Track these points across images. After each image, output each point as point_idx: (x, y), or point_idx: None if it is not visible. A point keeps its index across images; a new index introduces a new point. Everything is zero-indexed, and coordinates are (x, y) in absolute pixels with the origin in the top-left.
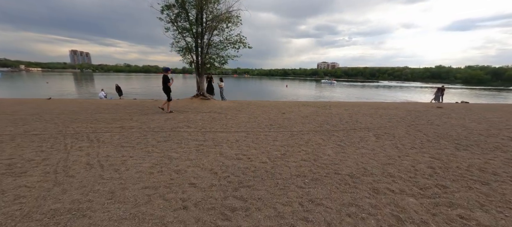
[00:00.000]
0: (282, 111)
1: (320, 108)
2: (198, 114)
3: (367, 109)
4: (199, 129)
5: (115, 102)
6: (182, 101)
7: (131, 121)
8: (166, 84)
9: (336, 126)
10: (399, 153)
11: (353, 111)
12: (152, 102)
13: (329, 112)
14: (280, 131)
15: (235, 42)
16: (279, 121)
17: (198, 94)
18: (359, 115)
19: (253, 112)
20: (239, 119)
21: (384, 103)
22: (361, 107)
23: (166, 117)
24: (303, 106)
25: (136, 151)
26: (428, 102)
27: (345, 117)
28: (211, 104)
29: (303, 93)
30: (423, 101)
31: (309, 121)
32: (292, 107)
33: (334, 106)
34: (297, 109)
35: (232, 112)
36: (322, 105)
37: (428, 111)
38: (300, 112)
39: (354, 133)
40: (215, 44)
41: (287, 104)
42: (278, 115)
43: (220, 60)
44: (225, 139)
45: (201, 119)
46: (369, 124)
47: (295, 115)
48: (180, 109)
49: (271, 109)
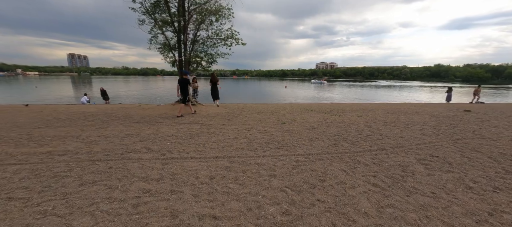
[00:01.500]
0: (281, 119)
1: (328, 114)
2: (174, 126)
3: (384, 115)
4: (161, 155)
5: (93, 108)
6: (162, 108)
7: (72, 142)
8: (185, 88)
9: (356, 143)
10: (481, 202)
11: (368, 118)
12: (136, 107)
13: (340, 120)
14: (280, 156)
15: (226, 38)
16: (278, 137)
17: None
18: (379, 123)
19: (246, 121)
20: (225, 133)
21: (399, 105)
22: (376, 112)
23: (127, 133)
24: (307, 112)
25: (23, 212)
26: (444, 103)
27: (362, 127)
28: (196, 111)
29: (303, 94)
30: (434, 101)
31: (318, 135)
32: (293, 113)
33: (343, 111)
34: (299, 115)
35: (218, 123)
36: (329, 109)
37: (456, 115)
38: (304, 120)
39: (387, 157)
40: (203, 40)
41: (287, 109)
42: (277, 125)
43: (208, 59)
44: (194, 174)
45: (174, 134)
46: (400, 139)
47: (298, 125)
48: (154, 119)
49: (268, 116)
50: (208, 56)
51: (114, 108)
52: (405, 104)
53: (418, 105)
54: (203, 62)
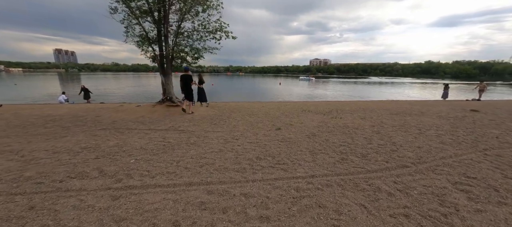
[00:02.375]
0: (276, 123)
1: (328, 116)
2: (147, 135)
3: (389, 116)
4: (116, 181)
5: (64, 109)
6: (140, 110)
7: (4, 160)
8: (189, 85)
9: (368, 156)
10: None
11: (373, 120)
12: (114, 108)
13: (343, 124)
14: (275, 179)
15: (214, 31)
16: (273, 148)
17: (164, 99)
18: (387, 128)
19: (235, 126)
20: (208, 144)
21: (400, 104)
22: (378, 112)
23: (84, 145)
24: (304, 113)
25: None
26: (443, 101)
27: (369, 133)
28: (177, 114)
29: (298, 91)
30: (429, 98)
31: (321, 146)
32: (289, 115)
33: (343, 111)
34: (296, 118)
35: (202, 129)
36: (327, 110)
37: (466, 117)
38: (302, 125)
39: (413, 180)
40: (188, 33)
41: (282, 109)
42: (271, 131)
43: (194, 54)
44: (151, 220)
45: (143, 146)
46: (418, 149)
47: (296, 132)
48: (126, 125)
49: (261, 119)
50: (194, 50)
51: (89, 109)
52: (405, 102)
53: (419, 103)
54: (188, 58)
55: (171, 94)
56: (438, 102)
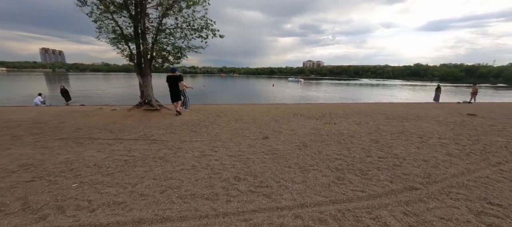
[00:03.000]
0: (264, 130)
1: (321, 122)
2: (110, 146)
3: (385, 121)
4: (35, 221)
5: (26, 113)
6: (114, 114)
7: None
8: (177, 86)
9: (368, 174)
10: None
11: (369, 126)
12: (93, 111)
13: (337, 132)
14: (254, 212)
15: (200, 29)
16: (256, 164)
17: (142, 103)
18: (385, 135)
19: (218, 134)
20: (179, 158)
21: (394, 107)
22: (374, 117)
23: (25, 162)
24: (296, 118)
25: None
26: (435, 103)
27: (367, 142)
28: (155, 119)
29: (290, 92)
30: (420, 100)
31: (313, 161)
32: (279, 120)
33: (337, 116)
34: (287, 124)
35: (178, 138)
36: (320, 114)
37: (465, 121)
38: (292, 132)
39: (426, 208)
40: (170, 31)
41: (272, 113)
42: (257, 140)
43: (176, 52)
44: None
45: (98, 163)
46: (424, 163)
47: (285, 141)
48: (89, 133)
49: (248, 125)
50: (176, 49)
51: (59, 113)
52: (399, 105)
53: (413, 106)
54: (170, 57)
55: (150, 97)
56: (431, 104)
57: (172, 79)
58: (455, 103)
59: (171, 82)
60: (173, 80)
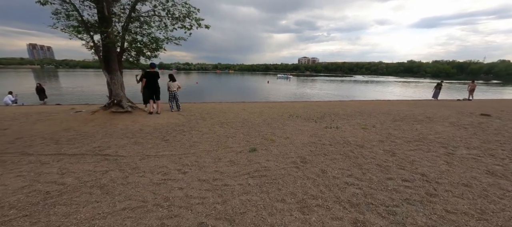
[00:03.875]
0: (253, 138)
1: (321, 124)
2: (41, 167)
3: (394, 124)
4: None
5: None
6: (73, 118)
7: None
8: (156, 83)
9: (399, 217)
10: None
11: (378, 131)
12: (56, 113)
13: (342, 139)
14: None
15: (182, 17)
16: (235, 198)
17: (110, 104)
18: (401, 145)
19: (194, 145)
20: (128, 187)
21: (395, 105)
22: (379, 118)
23: None
24: (291, 119)
25: None
26: (439, 101)
27: (382, 155)
28: (123, 124)
29: (286, 89)
30: (421, 97)
31: (317, 189)
32: (272, 123)
33: (338, 116)
34: (281, 128)
35: (143, 150)
36: (319, 114)
37: (483, 123)
38: (287, 141)
39: None
40: (145, 19)
41: (265, 114)
42: (242, 154)
43: (153, 44)
44: None
45: (2, 199)
46: (468, 191)
47: (278, 155)
48: (28, 146)
49: (235, 130)
50: (152, 41)
51: (14, 116)
52: (400, 103)
53: (416, 105)
54: (145, 50)
55: (119, 97)
56: (434, 103)
57: (150, 76)
58: (455, 101)
59: (149, 78)
60: (152, 77)
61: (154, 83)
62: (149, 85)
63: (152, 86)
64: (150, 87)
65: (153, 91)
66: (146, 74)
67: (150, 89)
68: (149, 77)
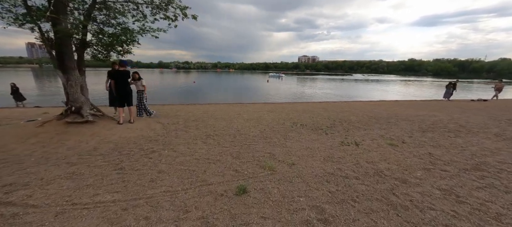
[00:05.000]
0: (244, 169)
1: (334, 138)
2: None
3: (429, 139)
4: None
5: None
6: (15, 132)
7: None
8: (126, 85)
9: None
10: None
11: (413, 150)
12: (23, 118)
13: (370, 165)
14: None
15: (164, 5)
16: None
17: (67, 111)
18: (458, 175)
19: (155, 180)
20: None
21: (410, 107)
22: (403, 128)
23: None
24: (295, 130)
25: None
26: (446, 101)
27: (440, 200)
28: (74, 140)
29: (286, 88)
30: (430, 98)
31: None
32: (272, 136)
33: (352, 124)
34: (282, 143)
35: (72, 194)
36: (329, 122)
37: None
38: (295, 172)
39: None
40: (116, 6)
41: (264, 121)
42: (224, 201)
43: (124, 37)
44: None
45: None
46: None
47: (279, 202)
48: None
49: (221, 150)
50: (125, 32)
51: None
52: (412, 104)
53: (434, 107)
54: (115, 43)
55: (78, 103)
56: (449, 104)
57: (119, 76)
58: (469, 101)
59: (117, 79)
60: (120, 77)
61: (124, 85)
62: (117, 88)
63: (122, 89)
64: (120, 90)
65: (123, 95)
66: (113, 74)
67: (120, 93)
68: (117, 78)
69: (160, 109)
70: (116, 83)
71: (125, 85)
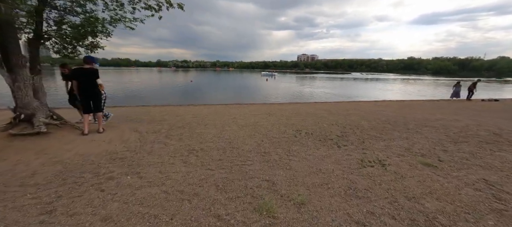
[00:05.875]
0: (231, 207)
1: (347, 151)
2: None
3: (471, 156)
4: None
5: None
6: None
7: None
8: (93, 86)
9: None
10: None
11: (460, 176)
12: None
13: (414, 205)
14: None
15: None
16: None
17: (15, 119)
18: None
19: None
20: None
21: (428, 112)
22: (432, 139)
23: None
24: (300, 141)
25: None
26: (457, 101)
27: None
28: (12, 161)
29: (285, 87)
30: (437, 97)
31: None
32: (271, 149)
33: (366, 133)
34: (286, 164)
35: None
36: (339, 130)
37: None
38: (306, 210)
39: None
40: None
41: (261, 128)
42: None
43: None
44: None
45: None
46: None
47: None
48: None
49: (206, 171)
50: (91, 22)
51: None
52: (422, 105)
53: (448, 109)
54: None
55: (30, 110)
56: (463, 104)
57: (84, 75)
58: (479, 101)
59: (82, 79)
60: (86, 76)
61: (91, 86)
62: (83, 90)
63: (88, 91)
64: (85, 92)
65: (91, 98)
66: (76, 73)
67: (86, 96)
68: (81, 78)
69: (148, 111)
70: (80, 84)
71: (93, 87)
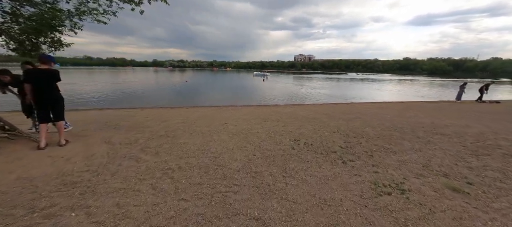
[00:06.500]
0: None
1: (355, 168)
2: None
3: (502, 175)
4: None
5: None
6: None
7: None
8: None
9: None
10: None
11: (497, 208)
12: None
13: None
14: None
15: None
16: None
17: None
18: None
19: None
20: None
21: (437, 116)
22: (448, 150)
23: None
24: (296, 156)
25: None
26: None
27: None
28: None
29: (281, 87)
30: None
31: None
32: (263, 168)
33: (375, 145)
34: (282, 191)
35: None
36: (341, 138)
37: None
38: None
39: None
40: None
41: (254, 134)
42: None
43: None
44: None
45: None
46: None
47: None
48: None
49: (178, 209)
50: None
51: None
52: (425, 108)
53: (454, 113)
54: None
55: None
56: (470, 107)
57: (41, 77)
58: (487, 103)
59: (38, 82)
60: (44, 78)
61: (49, 90)
62: (39, 95)
63: (46, 96)
64: (42, 97)
65: (49, 104)
66: (29, 75)
67: (43, 102)
68: (36, 81)
69: (133, 115)
70: (36, 89)
71: (51, 90)
